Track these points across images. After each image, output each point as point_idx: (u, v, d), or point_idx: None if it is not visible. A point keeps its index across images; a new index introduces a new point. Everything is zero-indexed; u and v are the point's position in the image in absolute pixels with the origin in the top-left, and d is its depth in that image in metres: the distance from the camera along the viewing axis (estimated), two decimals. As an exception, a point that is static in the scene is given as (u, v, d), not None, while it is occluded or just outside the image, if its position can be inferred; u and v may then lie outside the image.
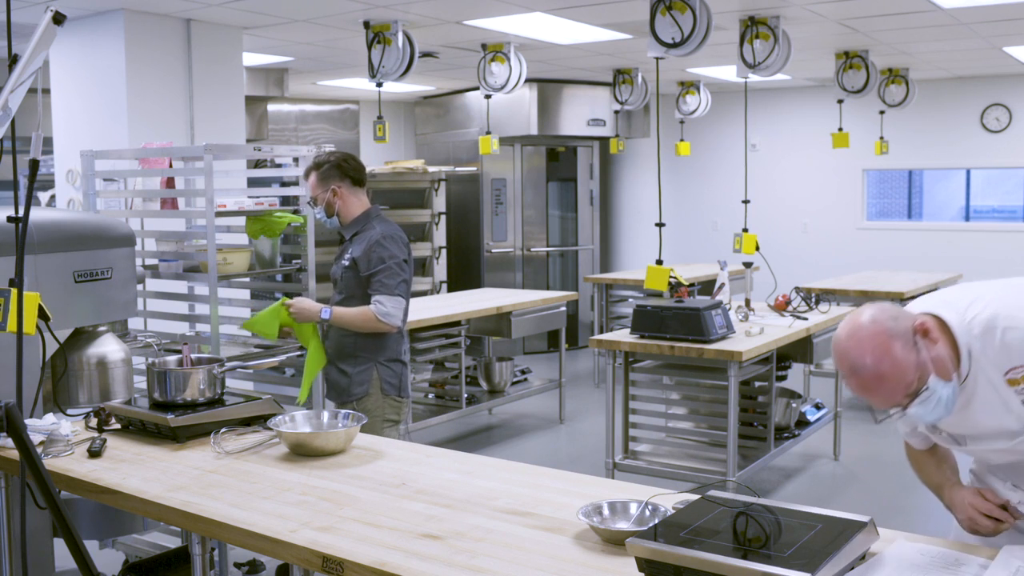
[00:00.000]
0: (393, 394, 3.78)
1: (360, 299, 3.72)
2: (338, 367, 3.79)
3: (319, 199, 3.78)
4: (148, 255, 4.17)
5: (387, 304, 3.65)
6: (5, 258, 2.85)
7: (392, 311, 3.66)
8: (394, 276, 3.67)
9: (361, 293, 3.71)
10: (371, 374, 3.74)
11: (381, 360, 3.76)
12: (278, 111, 9.01)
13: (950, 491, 2.18)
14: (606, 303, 8.08)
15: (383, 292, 3.65)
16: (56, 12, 2.29)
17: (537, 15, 5.90)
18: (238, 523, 2.11)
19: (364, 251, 3.68)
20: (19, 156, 2.46)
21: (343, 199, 3.77)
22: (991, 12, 5.98)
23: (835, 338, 1.96)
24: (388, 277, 3.66)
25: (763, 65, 6.07)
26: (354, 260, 3.71)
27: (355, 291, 3.73)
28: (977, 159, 9.68)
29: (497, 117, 8.43)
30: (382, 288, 3.66)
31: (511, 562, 1.87)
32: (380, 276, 3.65)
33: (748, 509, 1.93)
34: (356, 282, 3.72)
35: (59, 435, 2.68)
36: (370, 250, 3.67)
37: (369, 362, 3.74)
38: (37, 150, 2.31)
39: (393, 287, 3.66)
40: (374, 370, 3.74)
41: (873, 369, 1.87)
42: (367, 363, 3.74)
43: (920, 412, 1.93)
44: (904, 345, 1.89)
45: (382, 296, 3.65)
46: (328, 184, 3.75)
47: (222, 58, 5.99)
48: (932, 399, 1.91)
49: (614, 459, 5.06)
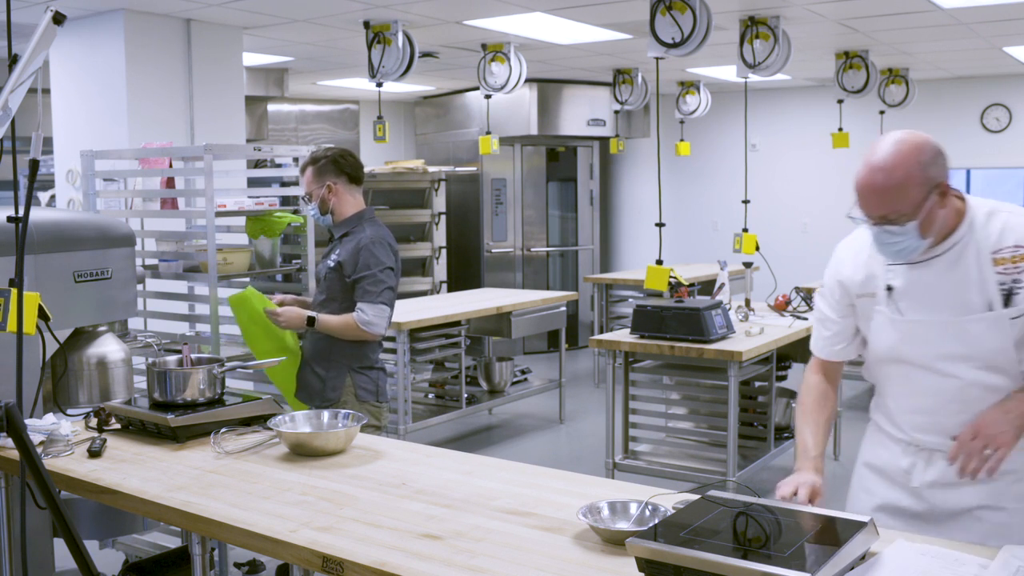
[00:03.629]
0: (370, 400, 3.73)
1: (340, 301, 3.67)
2: (313, 369, 3.73)
3: (314, 195, 3.71)
4: (148, 255, 4.17)
5: (368, 312, 3.59)
6: (5, 258, 2.85)
7: (374, 319, 3.60)
8: (378, 284, 3.60)
9: (342, 296, 3.67)
10: (344, 380, 3.69)
11: (355, 367, 3.70)
12: (278, 111, 9.01)
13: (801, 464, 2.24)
14: (606, 303, 8.08)
15: (366, 300, 3.60)
16: (56, 12, 2.29)
17: (537, 15, 5.90)
18: (238, 523, 2.11)
19: (351, 255, 3.62)
20: (19, 156, 2.46)
21: (338, 196, 3.70)
22: (991, 12, 5.98)
23: (878, 140, 2.09)
24: (372, 284, 3.59)
25: (763, 65, 6.07)
26: (340, 263, 3.65)
27: (336, 293, 3.68)
28: (977, 159, 9.69)
29: (497, 117, 8.43)
30: (365, 296, 3.60)
31: (511, 562, 1.87)
32: (364, 283, 3.60)
33: (748, 509, 1.93)
34: (339, 285, 3.67)
35: (59, 435, 2.67)
36: (357, 254, 3.61)
37: (343, 368, 3.69)
38: (37, 150, 2.31)
39: (376, 295, 3.60)
40: (347, 376, 3.69)
41: (885, 174, 2.01)
42: (341, 368, 3.69)
43: (884, 240, 2.07)
44: (922, 183, 2.01)
45: (364, 304, 3.60)
46: (324, 180, 3.68)
47: (222, 58, 5.99)
48: (898, 239, 2.05)
49: (614, 459, 5.06)
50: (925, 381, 2.19)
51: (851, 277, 2.28)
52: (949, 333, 2.13)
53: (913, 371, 2.21)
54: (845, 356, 2.38)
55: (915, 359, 2.20)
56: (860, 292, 2.26)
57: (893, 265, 2.18)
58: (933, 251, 2.13)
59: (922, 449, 2.22)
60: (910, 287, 2.17)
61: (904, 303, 2.17)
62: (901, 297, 2.18)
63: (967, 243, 2.11)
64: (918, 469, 2.23)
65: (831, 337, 2.37)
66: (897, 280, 2.19)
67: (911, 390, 2.23)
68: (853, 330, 2.33)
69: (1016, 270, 2.07)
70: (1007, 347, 2.09)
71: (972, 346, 2.11)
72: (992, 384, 2.12)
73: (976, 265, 2.09)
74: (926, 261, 2.14)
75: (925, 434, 2.21)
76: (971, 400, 2.13)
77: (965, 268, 2.10)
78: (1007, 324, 2.08)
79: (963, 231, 2.12)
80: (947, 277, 2.12)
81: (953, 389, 2.15)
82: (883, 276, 2.21)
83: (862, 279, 2.26)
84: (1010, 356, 2.10)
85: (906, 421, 2.25)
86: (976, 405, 2.13)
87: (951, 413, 2.15)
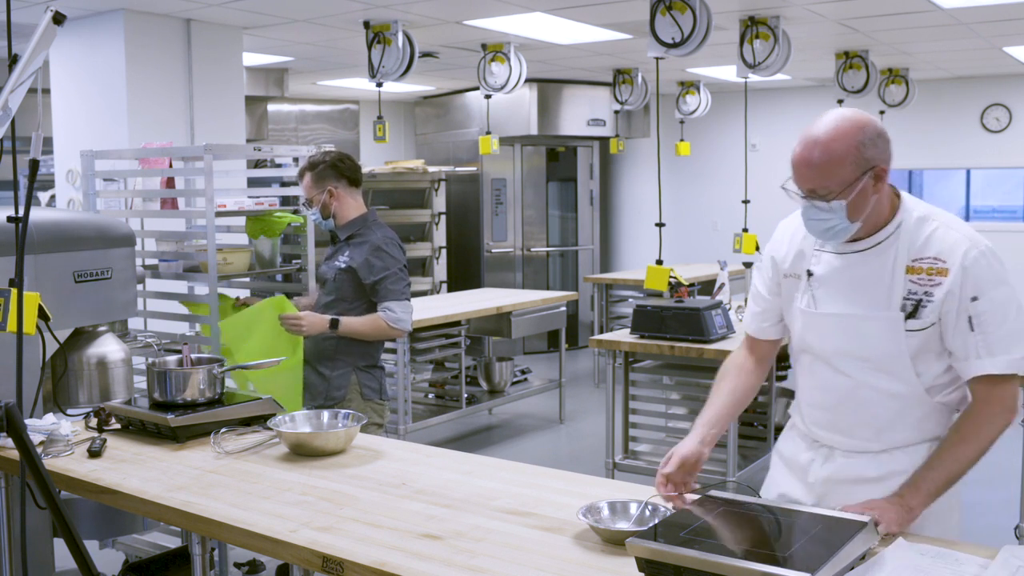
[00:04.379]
0: (375, 398, 3.74)
1: (350, 303, 3.67)
2: (316, 369, 3.72)
3: (315, 200, 3.70)
4: (148, 255, 4.17)
5: (397, 310, 3.62)
6: (5, 258, 2.85)
7: (402, 316, 3.64)
8: (399, 281, 3.64)
9: (352, 297, 3.67)
10: (349, 378, 3.69)
11: (360, 366, 3.71)
12: (278, 111, 9.01)
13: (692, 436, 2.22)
14: (606, 303, 8.08)
15: (392, 298, 3.62)
16: (56, 12, 2.29)
17: (537, 15, 5.90)
18: (238, 523, 2.11)
19: (365, 257, 3.63)
20: (19, 156, 2.46)
21: (339, 200, 3.70)
22: (991, 12, 5.98)
23: (823, 114, 2.03)
24: (394, 283, 3.62)
25: (763, 65, 6.07)
26: (352, 267, 3.64)
27: (347, 295, 3.68)
28: (977, 159, 9.69)
29: (497, 117, 8.43)
30: (390, 295, 3.62)
31: (511, 562, 1.87)
32: (387, 283, 3.61)
33: (748, 509, 1.93)
34: (351, 287, 3.67)
35: (59, 435, 2.67)
36: (372, 257, 3.62)
37: (348, 367, 3.69)
38: (37, 150, 2.30)
39: (400, 292, 3.63)
40: (352, 375, 3.70)
41: (820, 148, 1.95)
42: (346, 367, 3.69)
43: (811, 215, 2.02)
44: (855, 162, 1.96)
45: (392, 303, 3.61)
46: (324, 185, 3.68)
47: (222, 58, 5.99)
48: (825, 216, 2.00)
49: (614, 459, 5.06)
50: (824, 375, 2.17)
51: (784, 255, 2.24)
52: (847, 329, 2.09)
53: (815, 363, 2.19)
54: (772, 335, 2.34)
55: (817, 351, 2.17)
56: (788, 272, 2.23)
57: (821, 251, 2.14)
58: (857, 244, 2.08)
59: (821, 445, 2.21)
60: (828, 277, 2.13)
61: (820, 292, 2.14)
62: (818, 285, 2.14)
63: (891, 243, 2.05)
64: (815, 465, 2.21)
65: (760, 314, 2.34)
66: (819, 267, 2.14)
67: (813, 383, 2.21)
68: (780, 309, 2.29)
69: (930, 283, 2.00)
70: (901, 353, 2.03)
71: (866, 346, 2.07)
72: (886, 389, 2.07)
73: (892, 267, 2.04)
74: (849, 253, 2.10)
75: (822, 430, 2.20)
76: (865, 402, 2.10)
77: (882, 267, 2.05)
78: (902, 331, 2.02)
79: (891, 229, 2.06)
80: (863, 273, 2.08)
81: (847, 387, 2.12)
82: (809, 259, 2.17)
83: (793, 259, 2.21)
84: (904, 363, 2.04)
85: (808, 415, 2.24)
86: (871, 408, 2.09)
87: (846, 412, 2.13)
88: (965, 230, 2.05)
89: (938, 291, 1.99)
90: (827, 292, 2.13)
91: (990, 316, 1.97)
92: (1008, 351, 1.98)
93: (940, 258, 2.00)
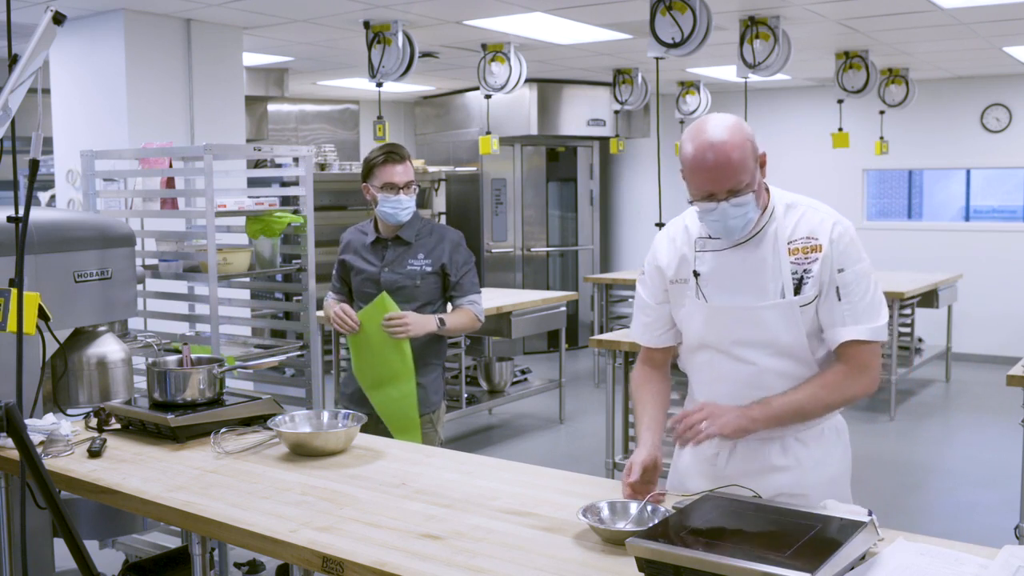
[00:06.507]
0: (445, 399, 3.65)
1: (435, 304, 3.49)
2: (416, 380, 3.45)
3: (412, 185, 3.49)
4: (148, 255, 4.17)
5: (480, 303, 3.56)
6: (5, 258, 2.85)
7: (482, 307, 3.58)
8: (475, 275, 3.58)
9: (438, 297, 3.50)
10: (440, 382, 3.56)
11: (443, 365, 3.61)
12: (278, 111, 9.01)
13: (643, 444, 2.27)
14: (606, 303, 8.08)
15: (473, 292, 3.53)
16: (56, 12, 2.29)
17: (537, 15, 5.90)
18: (238, 523, 2.11)
19: (450, 254, 3.48)
20: (19, 156, 2.46)
21: None
22: (991, 12, 5.98)
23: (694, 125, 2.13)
24: (474, 276, 3.56)
25: (763, 65, 6.07)
26: (442, 264, 3.46)
27: (435, 296, 3.49)
28: (977, 159, 9.68)
29: (497, 117, 8.43)
30: (472, 288, 3.53)
31: (511, 562, 1.87)
32: (470, 276, 3.53)
33: (748, 509, 1.93)
34: (439, 287, 3.50)
35: (59, 435, 2.67)
36: (455, 252, 3.49)
37: (438, 369, 3.54)
38: (37, 150, 2.31)
39: (477, 285, 3.57)
40: (441, 376, 3.58)
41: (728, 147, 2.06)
42: (436, 370, 3.53)
43: (730, 212, 2.11)
44: (752, 152, 2.11)
45: (475, 295, 3.53)
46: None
47: (222, 58, 5.99)
48: (745, 208, 2.11)
49: (614, 459, 5.06)
50: (725, 367, 2.24)
51: (667, 263, 2.33)
52: (746, 319, 2.19)
53: (715, 357, 2.26)
54: (666, 342, 2.41)
55: (717, 344, 2.25)
56: (674, 278, 2.31)
57: (703, 251, 2.24)
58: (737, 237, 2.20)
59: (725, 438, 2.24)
60: (715, 273, 2.23)
61: (709, 288, 2.23)
62: (707, 283, 2.23)
63: (767, 231, 2.19)
64: (721, 458, 2.28)
65: (650, 324, 2.41)
66: (704, 266, 2.24)
67: (713, 376, 2.28)
68: (670, 316, 2.37)
69: (807, 260, 2.15)
70: (799, 334, 2.16)
71: (766, 332, 2.18)
72: (785, 371, 2.19)
73: (773, 253, 2.18)
74: (728, 249, 2.21)
75: None
76: (765, 387, 2.19)
77: (764, 255, 2.18)
78: (797, 312, 2.15)
79: (765, 218, 2.20)
80: (748, 263, 2.19)
81: (749, 375, 2.21)
82: (693, 262, 2.26)
83: (677, 264, 2.30)
84: (802, 343, 2.17)
85: None
86: (771, 392, 2.18)
87: (748, 399, 2.19)
88: (828, 210, 2.23)
89: (815, 266, 2.15)
90: (718, 287, 2.23)
91: (854, 287, 2.15)
92: (872, 320, 2.16)
93: (812, 236, 2.17)
